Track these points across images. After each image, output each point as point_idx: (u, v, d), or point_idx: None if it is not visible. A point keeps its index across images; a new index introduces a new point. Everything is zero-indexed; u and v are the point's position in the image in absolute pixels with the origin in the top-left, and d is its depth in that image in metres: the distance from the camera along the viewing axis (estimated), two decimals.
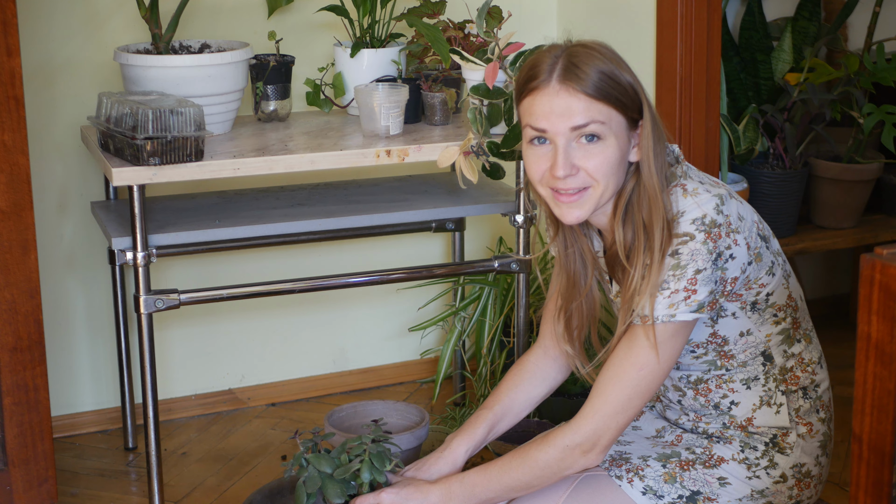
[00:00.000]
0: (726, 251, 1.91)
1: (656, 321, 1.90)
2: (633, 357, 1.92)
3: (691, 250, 1.88)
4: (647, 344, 1.91)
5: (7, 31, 2.34)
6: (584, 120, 1.89)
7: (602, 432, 1.94)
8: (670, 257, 1.89)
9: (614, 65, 1.91)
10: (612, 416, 1.94)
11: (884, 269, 1.28)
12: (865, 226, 3.63)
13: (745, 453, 2.04)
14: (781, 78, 3.61)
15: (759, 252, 1.97)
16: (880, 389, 1.30)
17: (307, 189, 3.08)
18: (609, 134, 1.90)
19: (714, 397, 2.07)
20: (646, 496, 2.00)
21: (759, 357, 2.04)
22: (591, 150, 1.91)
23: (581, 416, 1.96)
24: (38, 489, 2.53)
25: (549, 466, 1.97)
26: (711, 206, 1.91)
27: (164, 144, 2.53)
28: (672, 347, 1.93)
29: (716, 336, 2.02)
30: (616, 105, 1.90)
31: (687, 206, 1.91)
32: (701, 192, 1.92)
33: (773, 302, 2.02)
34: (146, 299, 2.64)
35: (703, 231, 1.89)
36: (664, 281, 1.90)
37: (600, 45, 1.94)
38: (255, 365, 3.41)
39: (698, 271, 1.89)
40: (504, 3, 2.91)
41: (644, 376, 1.92)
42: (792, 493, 2.05)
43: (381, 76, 2.95)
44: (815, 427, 2.07)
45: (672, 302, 1.89)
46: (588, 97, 1.89)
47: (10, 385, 2.47)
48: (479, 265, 2.97)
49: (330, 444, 2.50)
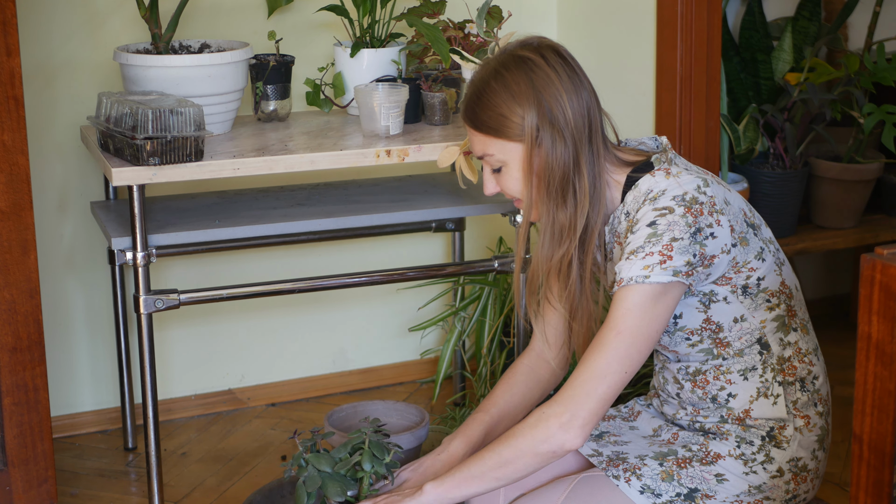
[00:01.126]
0: (707, 228, 1.94)
1: (630, 282, 1.92)
2: (611, 321, 1.93)
3: (669, 221, 1.93)
4: (624, 307, 1.92)
5: (7, 31, 2.34)
6: (479, 153, 2.08)
7: (580, 400, 1.92)
8: (648, 227, 1.94)
9: (505, 97, 2.01)
10: (588, 381, 1.92)
11: (884, 269, 1.28)
12: (865, 226, 3.63)
13: (741, 449, 2.05)
14: (782, 78, 3.61)
15: (744, 237, 2.00)
16: (880, 389, 1.30)
17: (307, 189, 3.08)
18: (507, 161, 2.05)
19: (712, 389, 2.08)
20: (644, 495, 2.00)
21: (755, 345, 2.05)
22: (501, 177, 2.08)
23: (562, 387, 1.96)
24: (37, 489, 2.53)
25: (526, 439, 1.95)
26: (693, 185, 1.96)
27: (163, 144, 2.53)
28: (652, 313, 1.92)
29: (710, 322, 2.03)
30: (506, 138, 2.03)
31: (668, 185, 1.97)
32: (684, 175, 1.99)
33: (766, 287, 2.03)
34: (146, 299, 2.64)
35: (683, 206, 1.93)
36: (640, 247, 1.93)
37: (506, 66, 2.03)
38: (255, 365, 3.41)
39: (674, 239, 1.92)
40: (504, 3, 2.91)
41: (622, 340, 1.92)
42: (789, 488, 2.05)
43: (381, 76, 2.95)
44: (812, 420, 2.07)
45: (647, 264, 1.92)
46: (481, 134, 2.05)
47: (10, 385, 2.47)
48: (479, 265, 2.97)
49: (329, 444, 2.50)
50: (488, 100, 2.02)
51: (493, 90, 2.02)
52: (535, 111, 1.99)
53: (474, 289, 3.26)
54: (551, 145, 2.00)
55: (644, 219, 1.95)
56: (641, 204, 1.98)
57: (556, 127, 1.99)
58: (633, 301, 1.92)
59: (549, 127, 1.99)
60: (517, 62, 2.01)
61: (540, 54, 2.01)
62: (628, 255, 1.94)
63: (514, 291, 2.23)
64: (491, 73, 2.03)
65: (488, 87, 2.03)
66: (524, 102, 1.99)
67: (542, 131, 1.99)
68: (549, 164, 2.00)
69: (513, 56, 2.03)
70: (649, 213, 1.95)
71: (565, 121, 2.00)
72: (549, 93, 1.99)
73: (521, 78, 2.00)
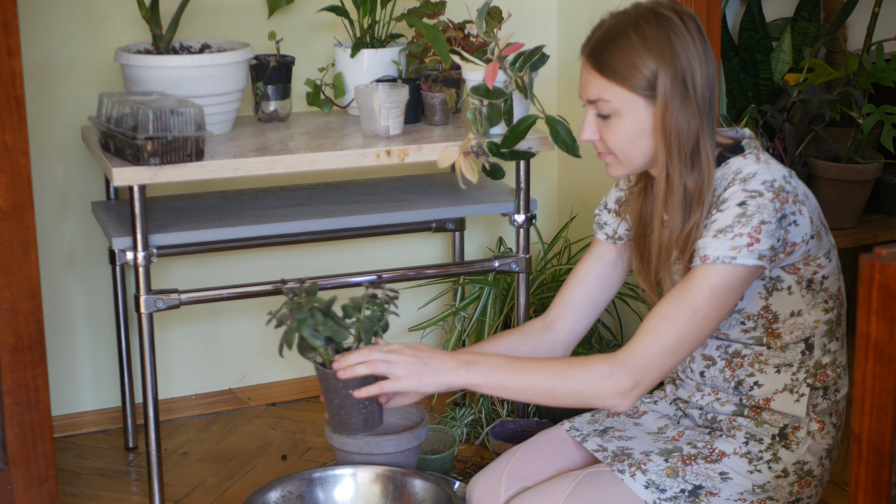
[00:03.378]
0: (791, 216, 1.94)
1: (716, 261, 1.91)
2: (689, 297, 1.92)
3: (758, 204, 1.92)
4: (706, 285, 1.91)
5: (8, 32, 2.34)
6: (594, 96, 2.01)
7: (647, 372, 1.92)
8: (738, 206, 1.93)
9: (640, 48, 1.96)
10: (660, 355, 1.92)
11: (883, 269, 1.28)
12: (865, 226, 3.63)
13: (748, 446, 2.05)
14: (781, 78, 3.62)
15: (819, 232, 2.01)
16: (880, 389, 1.30)
17: (307, 189, 3.08)
18: (621, 111, 1.99)
19: (741, 374, 2.07)
20: (648, 490, 2.01)
21: (800, 343, 2.05)
22: (607, 124, 2.02)
23: (630, 350, 1.93)
24: (38, 489, 2.54)
25: (580, 389, 1.94)
26: (781, 174, 1.97)
27: (164, 144, 2.53)
28: (728, 296, 1.92)
29: (768, 310, 2.03)
30: (629, 87, 1.97)
31: (759, 169, 1.97)
32: (772, 163, 2.00)
33: (827, 287, 2.04)
34: (146, 299, 2.64)
35: (772, 192, 1.93)
36: (728, 226, 1.92)
37: (647, 19, 1.99)
38: (255, 365, 3.41)
39: (763, 222, 1.91)
40: (504, 3, 2.92)
41: (697, 320, 1.91)
42: (793, 490, 2.05)
43: (381, 76, 2.96)
44: (826, 428, 2.08)
45: (735, 245, 1.91)
46: (602, 77, 1.99)
47: (11, 385, 2.47)
48: (479, 265, 2.97)
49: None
50: (622, 46, 1.98)
51: (630, 38, 1.97)
52: (670, 71, 1.96)
53: (474, 289, 3.26)
54: (681, 108, 1.97)
55: (733, 198, 1.94)
56: (731, 182, 1.97)
57: (688, 91, 1.97)
58: (715, 281, 1.91)
59: (682, 90, 1.97)
60: (658, 18, 1.98)
61: (680, 17, 1.99)
62: (716, 232, 1.93)
63: None
64: (630, 21, 1.99)
65: (625, 33, 1.98)
66: (661, 59, 1.96)
67: (675, 92, 1.97)
68: (681, 127, 1.98)
69: (653, 12, 1.99)
70: (739, 192, 1.94)
71: (695, 87, 1.98)
72: (686, 56, 1.97)
73: (661, 35, 1.97)
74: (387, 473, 2.51)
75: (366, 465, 2.54)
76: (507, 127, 2.68)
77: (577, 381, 1.94)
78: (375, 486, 2.52)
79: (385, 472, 2.51)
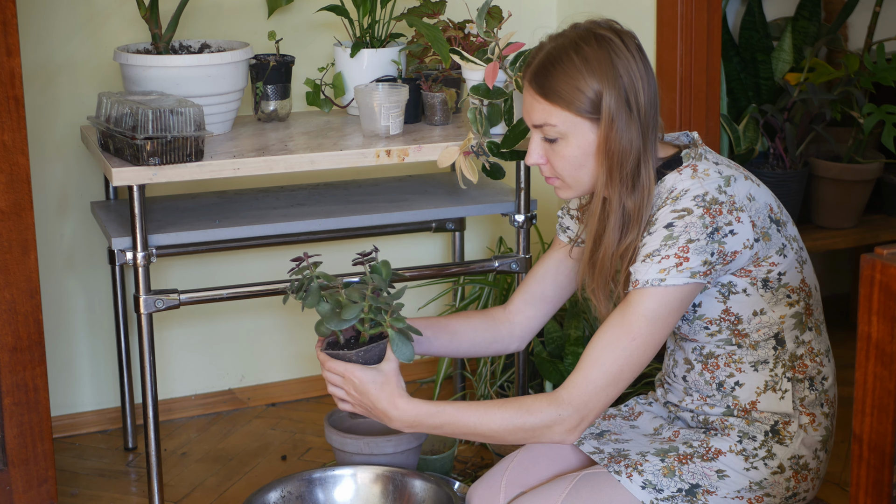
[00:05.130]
0: (725, 227, 1.94)
1: (646, 285, 1.92)
2: (626, 326, 1.93)
3: (686, 223, 1.93)
4: (639, 312, 1.93)
5: (7, 31, 2.34)
6: (539, 121, 2.02)
7: (591, 406, 1.95)
8: (664, 229, 1.94)
9: (582, 70, 1.97)
10: (602, 388, 1.94)
11: (884, 269, 1.28)
12: (865, 226, 3.63)
13: (742, 444, 2.05)
14: (781, 78, 3.61)
15: (766, 232, 2.00)
16: (880, 389, 1.30)
17: (307, 189, 3.08)
18: (567, 135, 2.01)
19: (720, 375, 2.08)
20: (645, 490, 2.01)
21: (771, 339, 2.05)
22: (553, 148, 2.03)
23: (573, 387, 1.95)
24: (38, 489, 2.53)
25: (527, 434, 1.97)
26: (714, 185, 1.96)
27: (163, 144, 2.53)
28: (665, 318, 1.94)
29: (729, 313, 2.03)
30: (574, 111, 1.99)
31: (691, 185, 1.97)
32: (711, 173, 1.99)
33: (786, 283, 2.03)
34: (146, 299, 2.64)
35: (702, 207, 1.93)
36: (655, 249, 1.94)
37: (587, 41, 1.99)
38: (255, 365, 3.41)
39: (690, 241, 1.92)
40: (504, 3, 2.91)
41: (637, 347, 1.93)
42: (789, 485, 2.05)
43: (381, 76, 2.95)
44: (817, 419, 2.07)
45: (663, 267, 1.92)
46: (547, 102, 2.00)
47: (10, 385, 2.47)
48: (479, 265, 2.97)
49: None
50: (564, 69, 1.98)
51: (571, 61, 1.98)
52: (614, 92, 1.97)
53: (474, 289, 3.26)
54: (625, 128, 1.98)
55: (661, 220, 1.95)
56: (664, 202, 1.98)
57: (631, 111, 1.98)
58: (648, 306, 1.93)
59: (626, 110, 1.97)
60: (598, 40, 1.99)
61: (619, 37, 2.00)
62: (644, 257, 1.95)
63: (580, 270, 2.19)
64: (570, 43, 1.99)
65: (566, 56, 1.99)
66: (604, 80, 1.97)
67: (619, 113, 1.97)
68: (624, 148, 1.98)
69: (592, 33, 2.00)
70: (667, 214, 1.95)
71: (639, 107, 1.98)
72: (629, 76, 1.98)
73: (603, 56, 1.98)
74: (387, 474, 2.51)
75: (366, 466, 2.53)
76: (507, 127, 2.67)
77: (525, 427, 1.97)
78: (375, 486, 2.51)
79: (385, 473, 2.51)
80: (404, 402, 2.04)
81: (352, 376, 2.04)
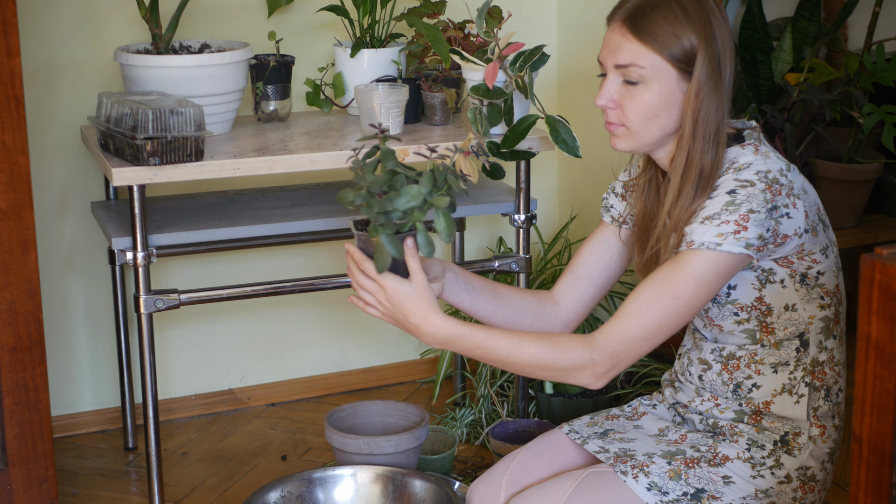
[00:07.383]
0: (783, 208, 1.94)
1: (701, 247, 1.91)
2: (672, 283, 1.92)
3: (748, 193, 1.92)
4: (689, 272, 1.92)
5: (7, 31, 2.34)
6: (625, 61, 1.99)
7: (625, 356, 1.94)
8: (727, 195, 1.93)
9: (682, 20, 1.96)
10: (638, 340, 1.93)
11: (884, 269, 1.28)
12: (865, 226, 3.62)
13: (750, 452, 2.04)
14: (781, 78, 3.61)
15: (815, 227, 2.00)
16: (880, 389, 1.30)
17: (307, 189, 3.08)
18: (650, 81, 1.98)
19: (739, 376, 2.07)
20: (651, 492, 2.00)
21: (795, 339, 2.04)
22: (630, 92, 2.00)
23: (609, 333, 1.94)
24: (38, 489, 2.53)
25: (557, 369, 1.96)
26: (777, 167, 1.96)
27: (164, 144, 2.53)
28: (711, 283, 1.93)
29: (761, 302, 2.02)
30: (666, 56, 1.97)
31: (754, 160, 1.97)
32: (771, 155, 1.99)
33: (823, 283, 2.03)
34: (146, 299, 2.64)
35: (765, 182, 1.93)
36: (716, 213, 1.93)
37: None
38: (255, 365, 3.41)
39: (752, 211, 1.92)
40: (504, 3, 2.91)
41: (679, 306, 1.92)
42: (796, 496, 2.05)
43: (381, 76, 2.96)
44: (828, 432, 2.07)
45: (721, 231, 1.91)
46: (639, 42, 1.98)
47: (10, 385, 2.47)
48: (479, 265, 2.97)
49: None
50: (664, 15, 1.97)
51: (671, 9, 1.97)
52: (709, 50, 1.97)
53: None
54: (714, 91, 1.98)
55: (724, 186, 1.95)
56: (725, 171, 1.98)
57: (721, 75, 1.99)
58: (699, 268, 1.92)
59: (717, 72, 1.98)
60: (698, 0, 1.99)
61: (715, 3, 2.00)
62: (703, 219, 1.94)
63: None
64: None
65: (667, 3, 1.98)
66: (700, 35, 1.97)
67: (711, 74, 1.97)
68: (711, 109, 1.98)
69: None
70: (730, 181, 1.95)
71: (726, 72, 2.00)
72: (721, 40, 1.99)
73: (702, 13, 1.98)
74: (387, 474, 2.51)
75: (366, 466, 2.54)
76: (507, 127, 2.67)
77: (556, 365, 1.96)
78: (375, 486, 2.52)
79: (385, 473, 2.51)
80: (439, 318, 2.00)
81: (385, 284, 2.00)
